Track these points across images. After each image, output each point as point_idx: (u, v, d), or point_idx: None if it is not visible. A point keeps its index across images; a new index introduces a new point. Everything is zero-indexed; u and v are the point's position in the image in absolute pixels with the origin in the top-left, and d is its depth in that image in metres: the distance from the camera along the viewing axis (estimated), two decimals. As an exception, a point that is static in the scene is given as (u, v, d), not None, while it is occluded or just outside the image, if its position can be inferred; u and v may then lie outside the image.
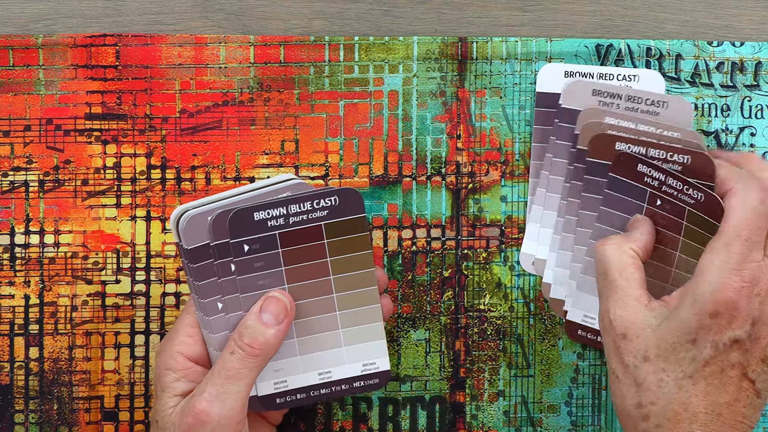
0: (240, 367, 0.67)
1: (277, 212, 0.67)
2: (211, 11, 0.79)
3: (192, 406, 0.66)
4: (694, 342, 0.64)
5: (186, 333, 0.69)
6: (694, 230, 0.72)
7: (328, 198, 0.68)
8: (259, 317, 0.68)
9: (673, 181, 0.72)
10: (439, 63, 0.79)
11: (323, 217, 0.68)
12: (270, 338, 0.68)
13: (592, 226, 0.76)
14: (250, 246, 0.68)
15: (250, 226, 0.68)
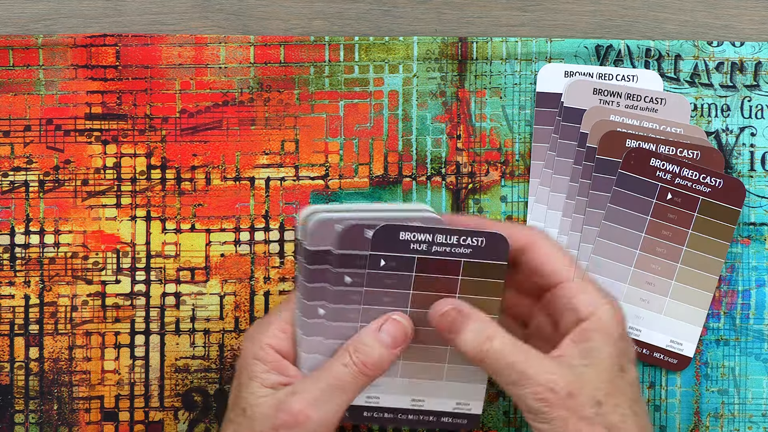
0: (349, 380, 0.66)
1: (423, 237, 0.66)
2: (211, 11, 0.79)
3: (290, 404, 0.65)
4: (622, 369, 0.66)
5: (280, 327, 0.68)
6: (706, 221, 0.74)
7: (475, 238, 0.67)
8: (378, 336, 0.67)
9: (689, 171, 0.74)
10: (439, 63, 0.79)
11: (465, 254, 0.67)
12: (384, 359, 0.67)
13: (600, 225, 0.76)
14: (387, 262, 0.67)
15: (393, 242, 0.66)
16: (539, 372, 0.64)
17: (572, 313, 0.66)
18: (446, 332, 0.66)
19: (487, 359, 0.65)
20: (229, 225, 0.78)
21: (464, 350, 0.66)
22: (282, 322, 0.69)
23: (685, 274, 0.77)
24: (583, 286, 0.67)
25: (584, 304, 0.66)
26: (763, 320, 0.79)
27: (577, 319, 0.66)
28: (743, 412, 0.79)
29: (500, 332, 0.66)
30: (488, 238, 0.66)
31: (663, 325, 0.77)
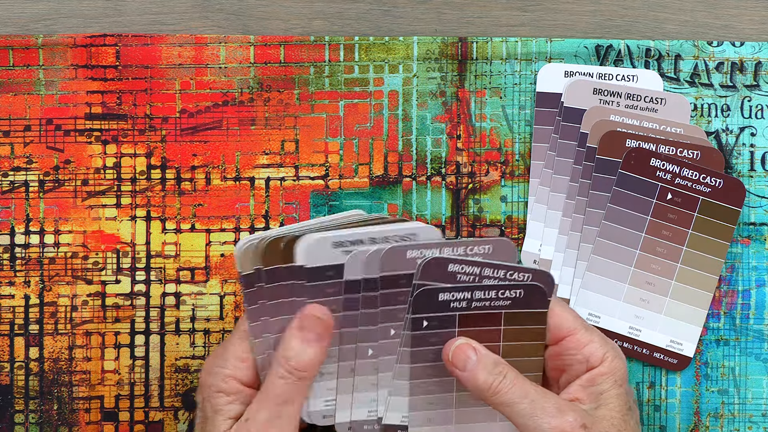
0: (291, 391, 0.66)
1: (462, 295, 0.67)
2: (211, 11, 0.79)
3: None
4: (630, 409, 0.68)
5: (239, 358, 0.68)
6: (706, 221, 0.74)
7: (514, 290, 0.68)
8: (302, 336, 0.66)
9: (689, 171, 0.74)
10: (439, 63, 0.79)
11: (505, 306, 0.68)
12: (315, 357, 0.66)
13: (600, 224, 0.76)
14: (430, 322, 0.67)
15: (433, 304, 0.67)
16: (554, 405, 0.66)
17: (582, 362, 0.68)
18: (458, 369, 0.67)
19: (499, 393, 0.66)
20: (229, 225, 0.78)
21: (476, 385, 0.67)
22: (241, 352, 0.68)
23: (685, 274, 0.77)
24: (589, 336, 0.69)
25: (594, 352, 0.68)
26: (763, 320, 0.79)
27: (588, 367, 0.68)
28: (743, 412, 0.79)
29: (512, 368, 0.67)
30: (526, 289, 0.68)
31: (663, 325, 0.77)
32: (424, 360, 0.68)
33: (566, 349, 0.69)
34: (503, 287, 0.67)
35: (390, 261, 0.67)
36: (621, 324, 0.77)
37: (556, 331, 0.69)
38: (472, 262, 0.67)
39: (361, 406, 0.69)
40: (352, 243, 0.67)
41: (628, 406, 0.68)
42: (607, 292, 0.77)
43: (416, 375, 0.68)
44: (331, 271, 0.67)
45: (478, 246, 0.68)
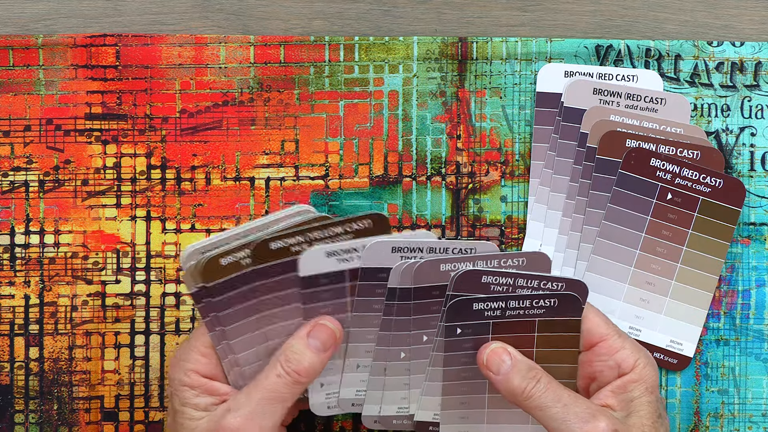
0: (284, 391, 0.67)
1: (497, 305, 0.68)
2: (211, 11, 0.79)
3: (227, 422, 0.66)
4: (661, 416, 0.69)
5: (200, 352, 0.69)
6: (706, 221, 0.75)
7: (547, 300, 0.68)
8: (308, 342, 0.68)
9: (689, 171, 0.74)
10: (439, 63, 0.79)
11: (539, 314, 0.69)
12: (316, 365, 0.68)
13: (600, 224, 0.76)
14: (463, 330, 0.69)
15: (467, 313, 0.68)
16: (586, 411, 0.66)
17: (614, 368, 0.69)
18: (493, 372, 0.68)
19: (533, 396, 0.67)
20: (229, 225, 0.78)
21: (509, 388, 0.67)
22: (202, 346, 0.69)
23: (685, 274, 0.77)
24: (621, 342, 0.69)
25: (626, 359, 0.69)
26: (763, 320, 0.79)
27: (619, 373, 0.69)
28: (743, 412, 0.79)
29: (545, 373, 0.68)
30: (560, 298, 0.69)
31: (663, 325, 0.77)
32: (457, 363, 0.70)
33: (598, 355, 0.69)
34: (537, 296, 0.69)
35: (424, 273, 0.69)
36: (621, 324, 0.77)
37: (588, 336, 0.70)
38: (505, 273, 0.68)
39: (391, 403, 0.72)
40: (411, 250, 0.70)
41: (659, 414, 0.69)
42: (607, 292, 0.77)
43: (449, 377, 0.70)
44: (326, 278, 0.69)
45: (512, 259, 0.69)
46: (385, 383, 0.71)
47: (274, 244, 0.68)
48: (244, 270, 0.68)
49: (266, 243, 0.68)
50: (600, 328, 0.70)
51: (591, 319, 0.70)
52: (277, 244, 0.68)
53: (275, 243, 0.68)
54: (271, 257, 0.69)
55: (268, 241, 0.68)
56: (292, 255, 0.69)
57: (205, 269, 0.68)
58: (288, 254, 0.69)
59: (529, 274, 0.69)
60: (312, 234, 0.69)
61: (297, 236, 0.69)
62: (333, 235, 0.69)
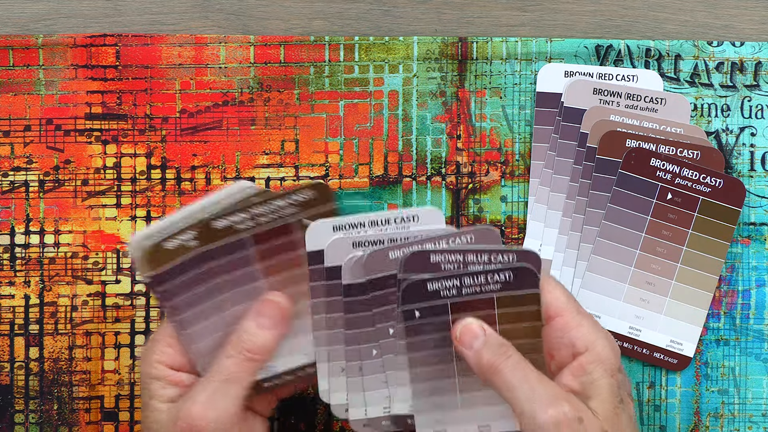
0: (238, 370, 0.67)
1: (451, 283, 0.67)
2: (211, 11, 0.79)
3: (186, 411, 0.66)
4: (622, 401, 0.66)
5: (166, 343, 0.68)
6: (706, 221, 0.75)
7: (502, 274, 0.67)
8: (258, 321, 0.68)
9: (689, 171, 0.74)
10: (439, 63, 0.79)
11: (496, 290, 0.67)
12: (267, 342, 0.67)
13: (600, 224, 0.76)
14: (422, 313, 0.67)
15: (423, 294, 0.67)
16: (551, 395, 0.65)
17: (568, 347, 0.67)
18: (466, 347, 0.67)
19: (500, 373, 0.66)
20: (229, 225, 0.78)
21: (480, 364, 0.66)
22: (167, 337, 0.69)
23: (685, 274, 0.77)
24: (578, 319, 0.67)
25: (580, 337, 0.67)
26: (763, 320, 0.79)
27: (573, 352, 0.67)
28: (743, 412, 0.79)
29: (518, 353, 0.66)
30: (515, 271, 0.67)
31: (663, 325, 0.77)
32: (422, 349, 0.68)
33: (554, 331, 0.68)
34: (492, 271, 0.67)
35: (374, 264, 0.67)
36: (621, 324, 0.77)
37: (545, 310, 0.68)
38: (454, 251, 0.67)
39: (376, 404, 0.70)
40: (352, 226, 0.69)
41: (620, 399, 0.66)
42: (607, 292, 0.77)
43: (416, 364, 0.69)
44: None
45: (460, 237, 0.68)
46: (364, 384, 0.70)
47: (218, 223, 0.67)
48: (190, 253, 0.67)
49: (210, 223, 0.67)
50: (558, 303, 0.67)
51: (550, 293, 0.67)
52: (221, 222, 0.67)
53: (219, 222, 0.67)
54: (216, 237, 0.67)
55: (212, 220, 0.67)
56: (238, 233, 0.67)
57: (150, 256, 0.67)
58: (233, 233, 0.67)
59: (479, 249, 0.67)
60: (255, 209, 0.68)
61: (240, 213, 0.67)
62: (276, 209, 0.68)
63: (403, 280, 0.67)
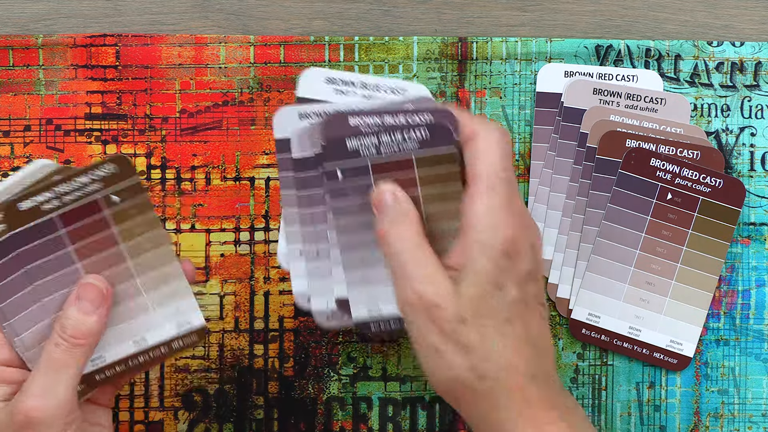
0: (66, 357, 0.65)
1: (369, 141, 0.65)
2: (211, 11, 0.79)
3: (21, 404, 0.64)
4: (500, 287, 0.62)
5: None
6: (706, 221, 0.75)
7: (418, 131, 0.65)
8: (79, 305, 0.66)
9: (689, 171, 0.74)
10: (439, 63, 0.79)
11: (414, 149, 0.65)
12: (92, 325, 0.66)
13: (600, 224, 0.76)
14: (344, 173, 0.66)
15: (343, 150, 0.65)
16: (419, 275, 0.62)
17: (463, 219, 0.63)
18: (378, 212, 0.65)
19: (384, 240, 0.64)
20: (229, 225, 0.78)
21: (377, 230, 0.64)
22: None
23: (685, 274, 0.77)
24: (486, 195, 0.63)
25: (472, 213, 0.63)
26: (763, 320, 0.79)
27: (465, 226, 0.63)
28: (743, 412, 0.79)
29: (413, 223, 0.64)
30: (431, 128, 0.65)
31: (663, 325, 0.77)
32: (347, 213, 0.67)
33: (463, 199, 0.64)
34: (408, 127, 0.65)
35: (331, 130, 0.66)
36: (621, 324, 0.77)
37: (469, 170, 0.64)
38: (371, 112, 0.65)
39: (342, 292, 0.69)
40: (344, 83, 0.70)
41: (496, 284, 0.62)
42: (607, 292, 0.77)
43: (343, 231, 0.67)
44: None
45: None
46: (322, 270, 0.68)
47: (23, 204, 0.65)
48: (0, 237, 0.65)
49: (14, 204, 0.65)
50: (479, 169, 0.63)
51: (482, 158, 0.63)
52: (26, 203, 0.65)
53: (24, 203, 0.65)
54: (23, 220, 0.65)
55: (16, 201, 0.65)
56: (45, 214, 0.65)
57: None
58: (41, 214, 0.65)
59: (395, 109, 0.65)
60: (59, 188, 0.65)
61: (44, 192, 0.65)
62: (80, 186, 0.65)
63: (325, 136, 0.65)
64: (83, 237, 0.67)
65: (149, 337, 0.69)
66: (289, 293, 0.78)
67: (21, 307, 0.67)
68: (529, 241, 0.63)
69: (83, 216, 0.66)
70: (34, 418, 0.64)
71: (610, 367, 0.79)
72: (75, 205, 0.66)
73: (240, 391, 0.78)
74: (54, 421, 0.64)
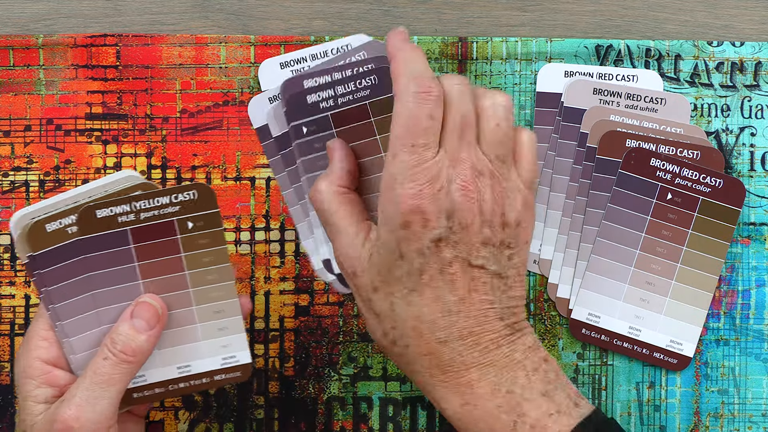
0: (113, 372, 0.66)
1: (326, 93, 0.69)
2: (211, 11, 0.79)
3: (61, 413, 0.65)
4: (402, 257, 0.62)
5: (41, 336, 0.68)
6: (706, 221, 0.75)
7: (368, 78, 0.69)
8: (132, 323, 0.67)
9: (689, 171, 0.74)
10: (439, 63, 0.79)
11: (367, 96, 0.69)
12: (142, 344, 0.67)
13: (600, 224, 0.76)
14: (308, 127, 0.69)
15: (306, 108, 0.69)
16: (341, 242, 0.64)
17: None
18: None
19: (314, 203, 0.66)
20: (229, 225, 0.78)
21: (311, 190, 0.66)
22: (41, 330, 0.68)
23: (685, 274, 0.77)
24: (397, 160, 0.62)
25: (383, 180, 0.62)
26: (763, 320, 0.79)
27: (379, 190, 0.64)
28: (743, 412, 0.79)
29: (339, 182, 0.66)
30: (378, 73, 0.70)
31: (663, 325, 0.77)
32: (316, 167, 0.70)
33: None
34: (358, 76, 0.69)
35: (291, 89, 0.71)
36: (621, 324, 0.77)
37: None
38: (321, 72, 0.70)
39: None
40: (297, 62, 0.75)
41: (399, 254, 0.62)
42: (607, 292, 0.77)
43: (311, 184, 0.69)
44: None
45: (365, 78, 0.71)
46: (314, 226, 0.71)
47: (101, 211, 0.66)
48: (69, 239, 0.66)
49: (92, 210, 0.66)
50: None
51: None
52: (104, 212, 0.66)
53: (102, 210, 0.66)
54: (97, 226, 0.66)
55: (94, 207, 0.66)
56: (120, 226, 0.66)
57: (30, 235, 0.66)
58: (115, 225, 0.66)
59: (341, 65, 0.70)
60: (138, 203, 0.66)
61: (123, 204, 0.66)
62: (159, 205, 0.67)
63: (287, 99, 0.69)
64: (151, 256, 0.68)
65: (194, 365, 0.70)
66: (290, 293, 0.78)
67: (76, 311, 0.67)
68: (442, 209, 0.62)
69: (156, 235, 0.67)
70: (73, 428, 0.65)
71: (610, 367, 0.79)
72: (150, 223, 0.67)
73: (240, 390, 0.78)
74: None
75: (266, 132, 0.77)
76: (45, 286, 0.67)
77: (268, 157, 0.75)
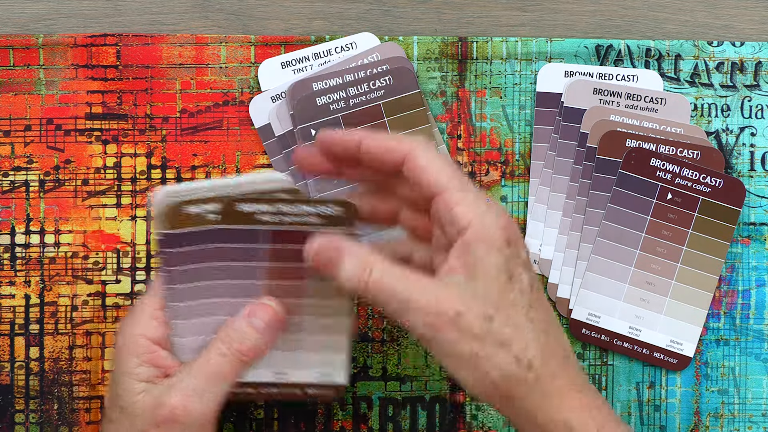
0: (226, 369, 0.66)
1: (337, 96, 0.70)
2: (211, 11, 0.79)
3: (168, 399, 0.65)
4: (512, 277, 0.62)
5: (151, 314, 0.67)
6: (706, 221, 0.75)
7: (383, 78, 0.69)
8: (250, 321, 0.66)
9: (689, 171, 0.74)
10: (439, 63, 0.79)
11: (380, 97, 0.69)
12: (260, 344, 0.66)
13: (600, 224, 0.76)
14: (317, 130, 0.69)
15: (315, 111, 0.70)
16: (423, 297, 0.61)
17: (453, 225, 0.62)
18: (325, 269, 0.63)
19: (368, 290, 0.62)
20: (229, 225, 0.78)
21: (345, 284, 0.63)
22: (153, 308, 0.67)
23: (685, 274, 0.77)
24: (462, 196, 0.62)
25: (462, 214, 0.62)
26: (763, 320, 0.79)
27: (458, 230, 0.62)
28: (743, 412, 0.79)
29: (379, 260, 0.62)
30: (394, 73, 0.70)
31: (663, 325, 0.77)
32: None
33: (439, 209, 0.63)
34: (372, 77, 0.69)
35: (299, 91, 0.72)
36: (621, 324, 0.77)
37: (430, 188, 0.63)
38: (330, 74, 0.70)
39: None
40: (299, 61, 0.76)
41: (508, 275, 0.62)
42: (607, 292, 0.77)
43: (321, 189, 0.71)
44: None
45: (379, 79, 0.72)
46: None
47: (245, 206, 0.66)
48: (209, 225, 0.66)
49: (236, 203, 0.66)
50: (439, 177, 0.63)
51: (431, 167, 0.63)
52: (247, 207, 0.66)
53: (246, 205, 0.66)
54: (238, 219, 0.66)
55: (238, 201, 0.66)
56: (260, 224, 0.66)
57: (170, 213, 0.65)
58: (254, 222, 0.66)
59: (353, 68, 0.70)
60: (282, 206, 0.66)
61: (266, 204, 0.66)
62: (302, 213, 0.66)
63: (293, 102, 0.69)
64: (280, 260, 0.67)
65: (291, 374, 0.69)
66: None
67: (193, 296, 0.67)
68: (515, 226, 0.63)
69: (291, 241, 0.66)
70: (178, 416, 0.64)
71: (610, 367, 0.79)
72: (290, 228, 0.66)
73: (240, 390, 0.78)
74: (193, 424, 0.65)
75: (268, 131, 0.77)
76: (171, 266, 0.67)
77: (270, 157, 0.75)
